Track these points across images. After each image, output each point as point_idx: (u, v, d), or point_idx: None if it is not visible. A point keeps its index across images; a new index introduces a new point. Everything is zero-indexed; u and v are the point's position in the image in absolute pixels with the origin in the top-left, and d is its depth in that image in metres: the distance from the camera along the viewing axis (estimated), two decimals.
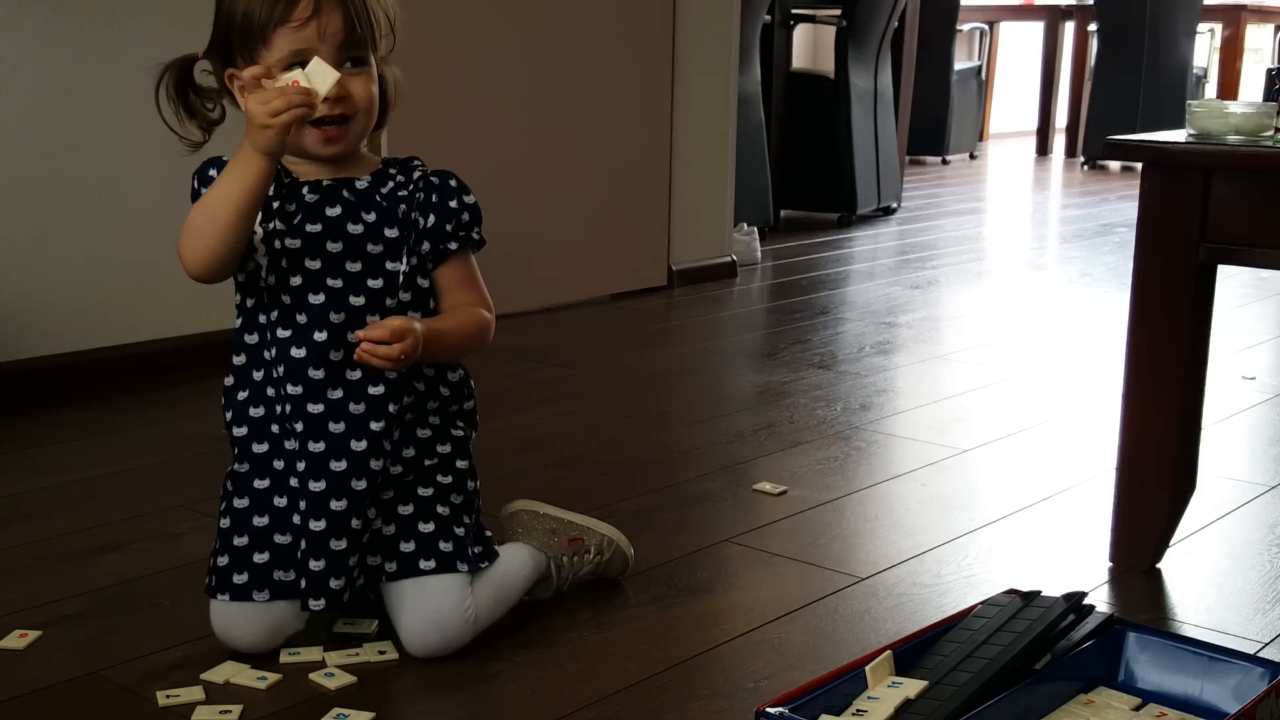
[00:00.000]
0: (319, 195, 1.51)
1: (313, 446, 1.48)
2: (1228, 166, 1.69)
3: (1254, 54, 8.65)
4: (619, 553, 1.75)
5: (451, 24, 3.22)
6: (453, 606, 1.52)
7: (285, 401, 1.50)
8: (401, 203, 1.52)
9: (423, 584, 1.53)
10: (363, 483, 1.48)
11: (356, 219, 1.50)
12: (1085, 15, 8.18)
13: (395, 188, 1.53)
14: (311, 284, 1.49)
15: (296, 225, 1.49)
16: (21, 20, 2.50)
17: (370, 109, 1.51)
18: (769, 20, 4.99)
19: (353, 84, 1.48)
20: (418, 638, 1.53)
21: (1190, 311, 1.75)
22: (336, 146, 1.50)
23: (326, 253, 1.49)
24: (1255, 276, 4.17)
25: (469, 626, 1.54)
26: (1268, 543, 1.98)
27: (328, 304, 1.49)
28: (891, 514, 2.09)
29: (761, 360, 3.13)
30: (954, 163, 7.99)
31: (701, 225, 4.04)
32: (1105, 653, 1.46)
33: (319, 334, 1.49)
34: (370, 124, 1.52)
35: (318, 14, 1.44)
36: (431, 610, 1.52)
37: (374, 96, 1.51)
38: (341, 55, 1.46)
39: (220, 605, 1.53)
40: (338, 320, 1.49)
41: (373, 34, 1.49)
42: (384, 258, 1.51)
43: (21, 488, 2.10)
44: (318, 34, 1.44)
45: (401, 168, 1.56)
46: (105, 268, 2.66)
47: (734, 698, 1.47)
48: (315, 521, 1.48)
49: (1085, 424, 2.60)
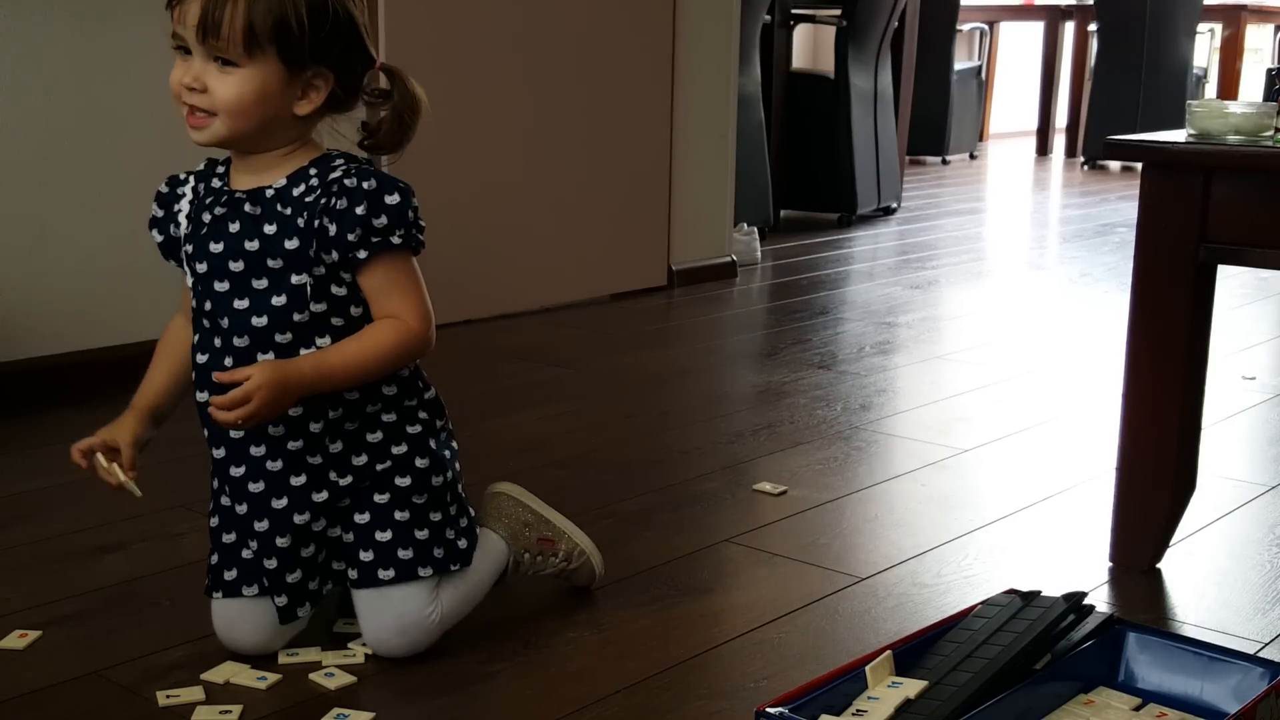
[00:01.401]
0: (225, 209, 1.47)
1: (234, 471, 1.48)
2: (1228, 166, 1.69)
3: (1254, 54, 8.65)
4: (588, 565, 1.72)
5: (452, 24, 3.22)
6: (415, 612, 1.51)
7: (209, 422, 1.48)
8: (306, 209, 1.43)
9: (383, 593, 1.51)
10: (300, 508, 1.48)
11: (254, 234, 1.44)
12: (1085, 15, 8.18)
13: (305, 192, 1.44)
14: (219, 307, 1.46)
15: (203, 246, 1.47)
16: (22, 20, 2.50)
17: (238, 112, 1.41)
18: (769, 20, 4.99)
19: (212, 80, 1.40)
20: (380, 643, 1.53)
21: (1190, 311, 1.75)
22: (199, 135, 1.43)
23: (230, 273, 1.45)
24: (1255, 276, 4.17)
25: (434, 629, 1.53)
26: (1267, 543, 1.98)
27: (232, 327, 1.46)
28: (891, 514, 2.09)
29: (761, 360, 3.13)
30: (954, 163, 7.99)
31: (701, 225, 4.04)
32: (1105, 653, 1.46)
33: (228, 360, 1.46)
34: (244, 127, 1.42)
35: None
36: (393, 617, 1.51)
37: (244, 100, 1.40)
38: (206, 51, 1.39)
39: (221, 606, 1.53)
40: (242, 345, 1.45)
41: (248, 38, 1.38)
42: (286, 271, 1.44)
43: (21, 488, 2.10)
44: (179, 19, 1.41)
45: (322, 168, 1.46)
46: (105, 268, 2.66)
47: (734, 698, 1.47)
48: (259, 522, 1.48)
49: (1085, 424, 2.60)
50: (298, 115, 1.45)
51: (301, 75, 1.43)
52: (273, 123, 1.44)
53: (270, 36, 1.39)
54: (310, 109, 1.45)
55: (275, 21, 1.39)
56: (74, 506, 2.02)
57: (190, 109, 1.43)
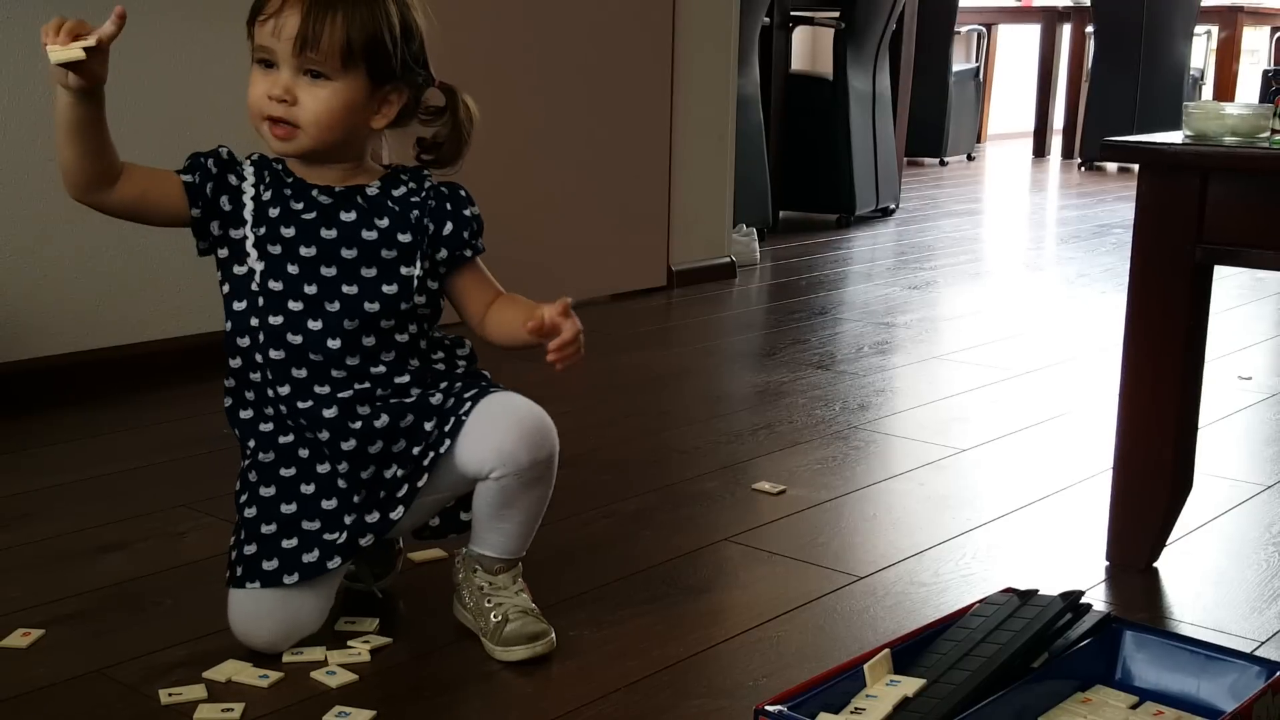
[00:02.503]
0: (331, 199, 1.52)
1: (301, 405, 1.51)
2: (1224, 168, 1.69)
3: (1250, 56, 8.67)
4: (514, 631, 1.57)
5: (452, 24, 3.22)
6: (541, 415, 1.55)
7: (280, 402, 1.52)
8: (415, 209, 1.53)
9: (509, 397, 1.56)
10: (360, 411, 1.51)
11: (370, 225, 1.51)
12: (1082, 17, 8.19)
13: (407, 193, 1.54)
14: (326, 290, 1.50)
15: (310, 231, 1.50)
16: (22, 20, 2.51)
17: (327, 125, 1.46)
18: (768, 22, 4.99)
19: (303, 93, 1.45)
20: (521, 432, 1.53)
21: (1187, 312, 1.76)
22: (285, 145, 1.48)
23: (342, 259, 1.50)
24: (1252, 277, 4.18)
25: (551, 444, 1.55)
26: (1264, 542, 1.99)
27: (343, 310, 1.50)
28: (890, 513, 2.10)
29: (760, 360, 3.14)
30: (952, 164, 8.00)
31: (700, 226, 4.04)
32: (1102, 651, 1.46)
33: (332, 341, 1.50)
34: (328, 140, 1.48)
35: (278, 12, 1.44)
36: (525, 409, 1.55)
37: (334, 112, 1.46)
38: (299, 63, 1.44)
39: (241, 600, 1.52)
40: (351, 327, 1.50)
41: (345, 52, 1.44)
42: (398, 263, 1.52)
43: (23, 487, 2.10)
44: (274, 32, 1.44)
45: (412, 175, 1.56)
46: (106, 269, 2.66)
47: (733, 696, 1.48)
48: (321, 465, 1.52)
49: (1082, 424, 2.60)
50: (373, 129, 1.52)
51: (382, 90, 1.50)
52: (352, 136, 1.51)
53: (363, 51, 1.46)
54: (385, 123, 1.52)
55: (370, 37, 1.46)
56: (76, 506, 2.02)
57: (273, 121, 1.47)
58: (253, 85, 1.48)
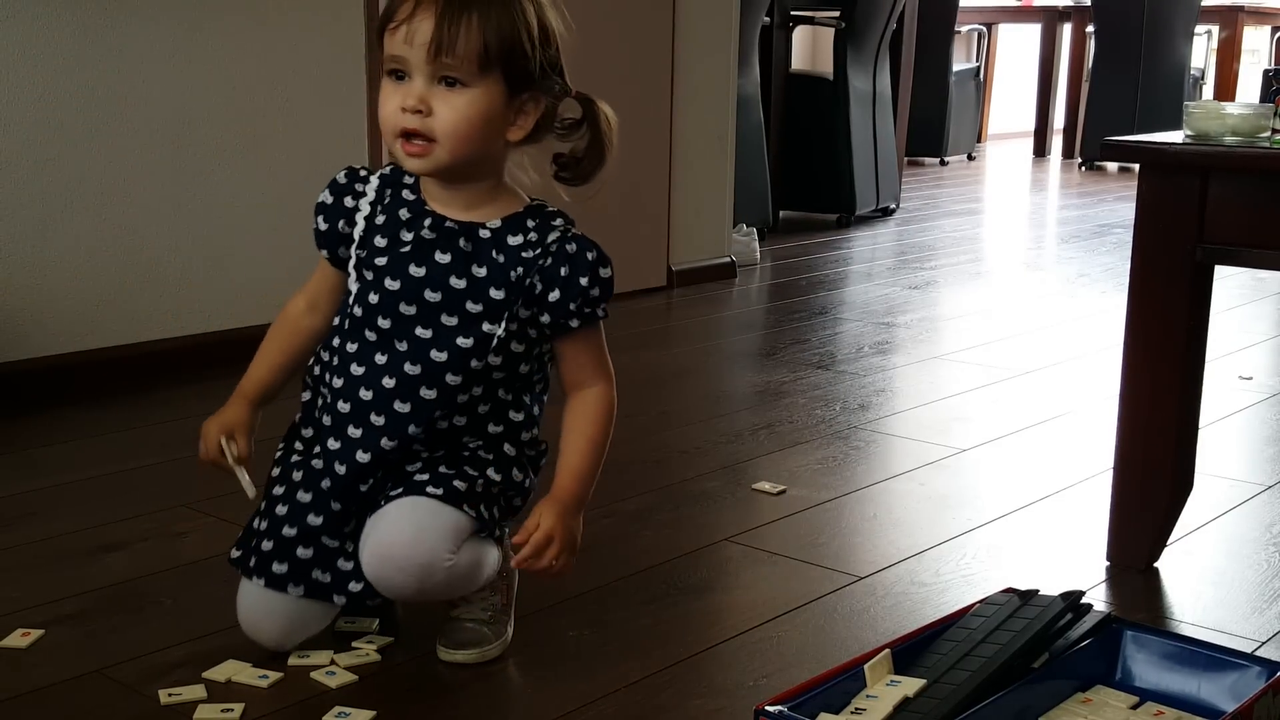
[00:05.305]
0: (436, 235, 1.44)
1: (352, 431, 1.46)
2: (1225, 168, 1.69)
3: (1251, 55, 8.66)
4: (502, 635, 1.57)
5: None
6: (439, 529, 1.40)
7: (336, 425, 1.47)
8: (521, 265, 1.43)
9: (418, 502, 1.41)
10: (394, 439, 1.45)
11: (463, 272, 1.42)
12: (1083, 17, 8.19)
13: (523, 245, 1.44)
14: (400, 328, 1.44)
15: (401, 265, 1.43)
16: (23, 20, 2.50)
17: (462, 136, 1.38)
18: (768, 21, 4.99)
19: (438, 102, 1.37)
20: (381, 558, 1.41)
21: (1187, 312, 1.76)
22: (417, 163, 1.40)
23: (424, 300, 1.43)
24: (1252, 277, 4.18)
25: (442, 570, 1.41)
26: (1264, 542, 1.99)
27: (410, 352, 1.43)
28: (890, 513, 2.10)
29: (761, 360, 3.14)
30: (952, 164, 8.00)
31: (701, 226, 4.04)
32: (1103, 651, 1.46)
33: (388, 380, 1.44)
34: (465, 153, 1.40)
35: (411, 18, 1.36)
36: (412, 530, 1.40)
37: (471, 121, 1.38)
38: (433, 70, 1.36)
39: (250, 593, 1.51)
40: (413, 373, 1.43)
41: (482, 56, 1.36)
42: (481, 318, 1.43)
43: (24, 487, 2.10)
44: (406, 39, 1.36)
45: (541, 223, 1.45)
46: (107, 268, 2.66)
47: (733, 696, 1.48)
48: (339, 464, 1.46)
49: (1083, 424, 2.60)
50: (509, 141, 1.44)
51: (518, 99, 1.42)
52: (488, 149, 1.42)
53: (500, 55, 1.37)
54: (521, 135, 1.44)
55: (507, 39, 1.38)
56: (76, 506, 2.02)
57: (408, 136, 1.39)
58: (384, 101, 1.39)
